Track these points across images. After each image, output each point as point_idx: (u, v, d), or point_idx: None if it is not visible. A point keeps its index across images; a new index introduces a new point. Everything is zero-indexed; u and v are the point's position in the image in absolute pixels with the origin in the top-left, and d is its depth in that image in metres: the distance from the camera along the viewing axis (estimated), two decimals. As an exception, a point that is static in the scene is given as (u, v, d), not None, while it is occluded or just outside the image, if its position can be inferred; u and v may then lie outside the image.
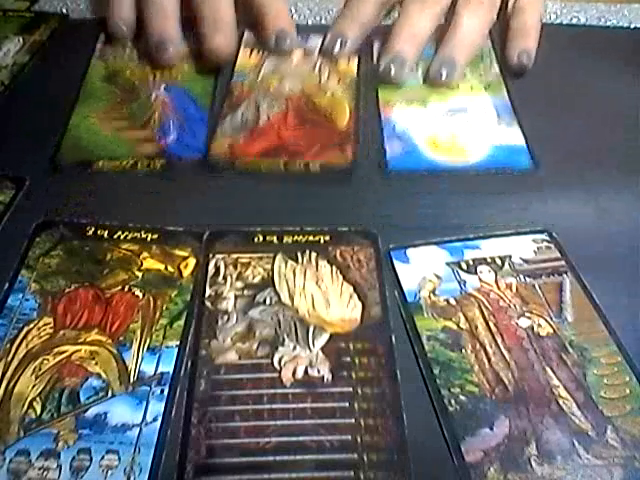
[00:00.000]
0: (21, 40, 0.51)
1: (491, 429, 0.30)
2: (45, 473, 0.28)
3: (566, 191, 0.41)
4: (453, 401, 0.31)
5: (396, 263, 0.37)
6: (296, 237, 0.37)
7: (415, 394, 0.31)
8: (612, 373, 0.32)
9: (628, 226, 0.39)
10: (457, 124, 0.45)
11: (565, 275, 0.36)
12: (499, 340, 0.33)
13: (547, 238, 0.38)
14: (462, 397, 0.31)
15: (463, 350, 0.33)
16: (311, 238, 0.37)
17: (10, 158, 0.41)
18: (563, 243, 0.38)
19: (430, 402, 0.31)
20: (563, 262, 0.37)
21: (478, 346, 0.33)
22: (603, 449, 0.29)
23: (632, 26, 0.54)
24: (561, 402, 0.31)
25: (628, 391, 0.31)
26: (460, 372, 0.32)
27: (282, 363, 0.32)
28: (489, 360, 0.32)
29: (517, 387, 0.31)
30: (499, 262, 0.37)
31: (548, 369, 0.32)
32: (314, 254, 0.37)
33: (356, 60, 0.49)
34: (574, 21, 0.54)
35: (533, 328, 0.34)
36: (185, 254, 0.37)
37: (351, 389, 0.31)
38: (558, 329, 0.34)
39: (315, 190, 0.41)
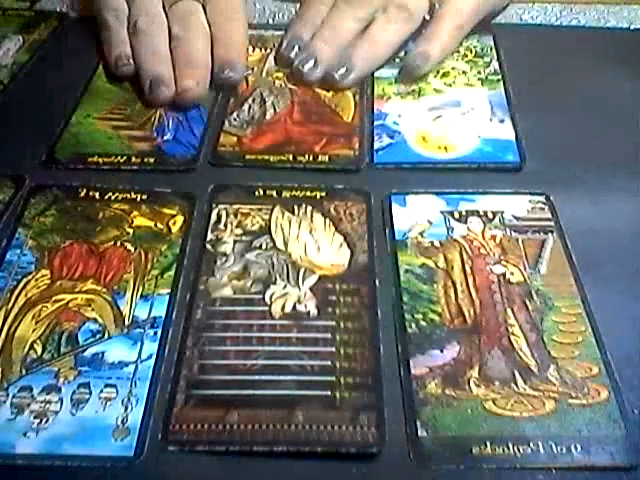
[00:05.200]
0: (21, 39, 0.52)
1: (441, 351, 0.32)
2: (47, 406, 0.30)
3: (560, 188, 0.41)
4: (414, 325, 0.33)
5: (394, 206, 0.39)
6: (294, 192, 0.40)
7: (391, 328, 0.33)
8: (570, 322, 0.34)
9: (623, 224, 0.39)
10: (449, 117, 0.46)
11: (550, 234, 0.38)
12: (470, 280, 0.35)
13: (543, 200, 0.40)
14: (423, 322, 0.34)
15: (435, 285, 0.35)
16: (308, 193, 0.40)
17: (9, 157, 0.42)
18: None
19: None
20: (552, 223, 0.38)
21: (450, 283, 0.35)
22: (541, 383, 0.31)
23: (632, 27, 0.55)
24: (513, 339, 0.33)
25: (581, 339, 0.33)
26: (426, 302, 0.34)
27: (272, 298, 0.34)
28: (456, 296, 0.35)
29: (475, 321, 0.34)
30: (490, 215, 0.39)
31: (509, 310, 0.34)
32: (310, 207, 0.39)
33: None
34: (574, 22, 0.55)
35: (505, 275, 0.36)
36: (173, 212, 0.39)
37: (334, 323, 0.33)
38: (528, 278, 0.36)
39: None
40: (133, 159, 0.42)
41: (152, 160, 0.42)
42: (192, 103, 0.46)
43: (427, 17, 0.49)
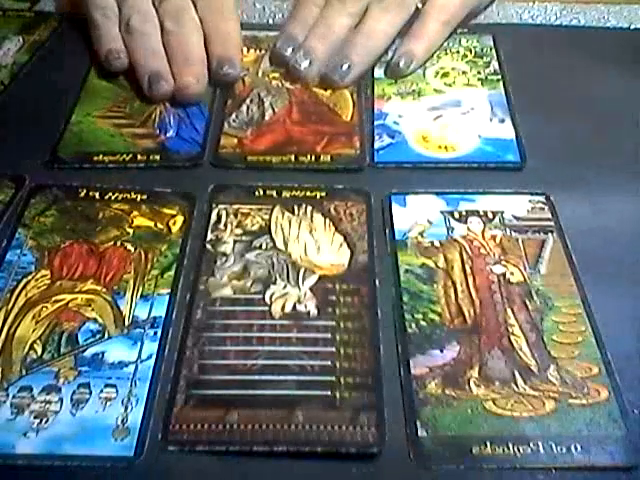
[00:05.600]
0: (21, 40, 0.52)
1: (441, 351, 0.33)
2: (47, 406, 0.30)
3: (560, 188, 0.41)
4: (414, 325, 0.34)
5: (394, 206, 0.39)
6: (294, 192, 0.40)
7: (391, 328, 0.34)
8: (570, 322, 0.34)
9: (623, 224, 0.39)
10: (449, 117, 0.46)
11: (550, 234, 0.38)
12: (470, 281, 0.35)
13: (543, 200, 0.40)
14: (423, 322, 0.34)
15: (435, 285, 0.35)
16: (308, 194, 0.40)
17: (9, 157, 0.42)
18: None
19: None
20: (552, 223, 0.38)
21: (450, 283, 0.35)
22: (541, 383, 0.31)
23: (632, 27, 0.55)
24: (513, 339, 0.33)
25: (580, 339, 0.33)
26: (427, 302, 0.35)
27: (272, 298, 0.34)
28: (456, 296, 0.35)
29: (475, 321, 0.34)
30: (490, 216, 0.39)
31: (509, 310, 0.34)
32: (310, 207, 0.39)
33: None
34: (574, 22, 0.55)
35: (505, 275, 0.36)
36: (173, 212, 0.39)
37: (334, 323, 0.33)
38: (528, 278, 0.36)
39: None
40: (139, 157, 0.42)
41: (158, 157, 0.42)
42: (192, 100, 0.46)
43: (419, 5, 0.49)
